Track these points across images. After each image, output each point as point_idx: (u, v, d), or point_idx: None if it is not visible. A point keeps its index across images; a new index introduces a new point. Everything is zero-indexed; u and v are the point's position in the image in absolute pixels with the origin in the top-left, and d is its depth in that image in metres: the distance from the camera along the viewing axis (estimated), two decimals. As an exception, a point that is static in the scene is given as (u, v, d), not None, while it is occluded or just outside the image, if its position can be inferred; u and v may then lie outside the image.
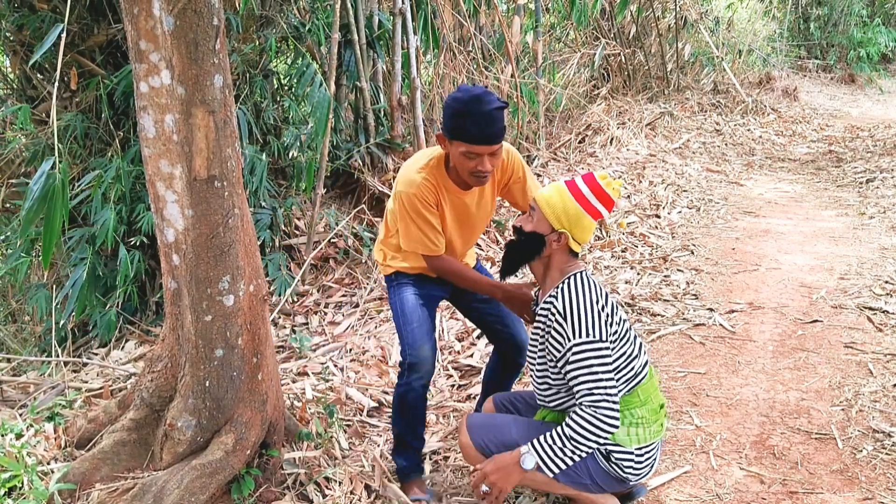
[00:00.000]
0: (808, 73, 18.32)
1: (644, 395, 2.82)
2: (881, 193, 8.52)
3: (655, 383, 2.91)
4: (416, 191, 3.08)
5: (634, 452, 2.80)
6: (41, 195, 3.33)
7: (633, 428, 2.79)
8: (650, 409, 2.82)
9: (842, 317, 5.15)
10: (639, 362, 2.85)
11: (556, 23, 11.45)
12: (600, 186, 2.82)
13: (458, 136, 2.91)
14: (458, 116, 2.88)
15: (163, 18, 2.49)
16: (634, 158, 9.50)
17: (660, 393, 2.92)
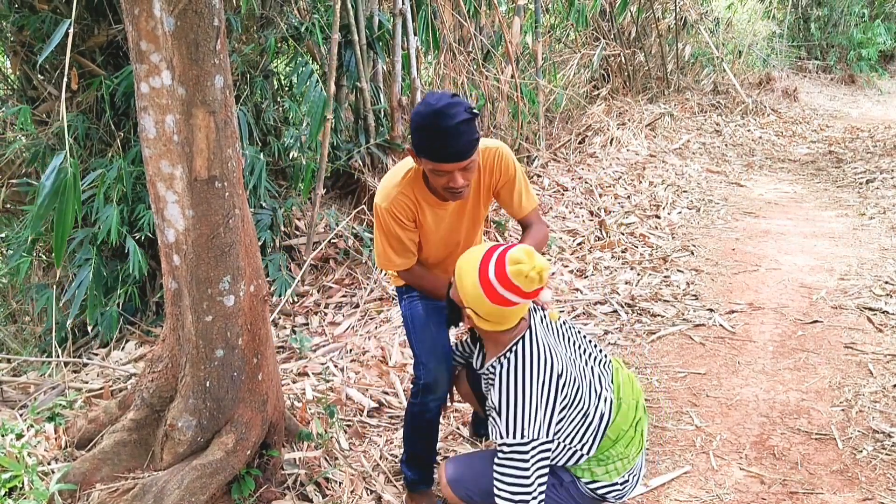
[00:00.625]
0: (808, 74, 18.32)
1: (615, 434, 2.68)
2: (881, 194, 8.52)
3: (623, 411, 2.72)
4: (388, 205, 2.89)
5: (618, 483, 2.74)
6: (53, 190, 3.33)
7: (612, 464, 2.70)
8: (625, 442, 2.69)
9: (842, 317, 5.16)
10: (603, 404, 2.67)
11: (556, 23, 11.44)
12: (510, 281, 2.46)
13: (423, 154, 2.66)
14: (420, 132, 2.61)
15: (163, 19, 2.49)
16: (634, 159, 9.50)
17: (631, 411, 2.74)
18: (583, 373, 2.69)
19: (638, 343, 4.93)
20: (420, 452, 3.33)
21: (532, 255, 2.47)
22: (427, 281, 3.13)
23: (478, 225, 3.21)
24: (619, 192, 8.24)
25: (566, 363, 2.62)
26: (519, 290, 2.45)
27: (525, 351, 2.58)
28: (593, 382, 2.70)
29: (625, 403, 2.74)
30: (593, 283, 5.90)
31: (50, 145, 5.24)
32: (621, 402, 2.73)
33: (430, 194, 2.93)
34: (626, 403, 2.74)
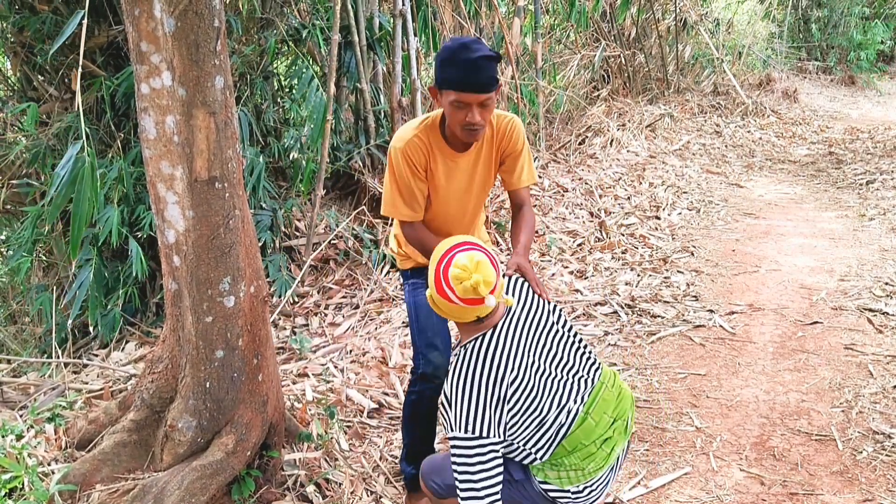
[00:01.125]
0: (807, 75, 18.33)
1: (572, 445, 2.61)
2: (881, 195, 8.52)
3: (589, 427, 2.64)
4: (403, 146, 2.93)
5: (570, 491, 2.67)
6: (69, 179, 3.33)
7: (564, 472, 2.64)
8: (582, 455, 2.62)
9: (842, 318, 5.16)
10: (563, 415, 2.62)
11: (556, 24, 11.45)
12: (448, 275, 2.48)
13: (446, 85, 2.76)
14: (445, 64, 2.75)
15: (164, 20, 2.49)
16: (634, 160, 9.50)
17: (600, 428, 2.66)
18: (545, 383, 2.62)
19: (638, 344, 4.93)
20: (419, 445, 3.33)
21: (478, 268, 2.45)
22: (428, 240, 3.01)
23: (484, 193, 3.22)
24: (619, 193, 8.24)
25: (523, 371, 2.57)
26: (454, 292, 2.46)
27: (478, 349, 2.56)
28: (559, 393, 2.64)
29: (592, 419, 2.66)
30: (593, 284, 5.91)
31: (50, 146, 5.25)
32: (588, 416, 2.65)
33: (444, 144, 2.99)
34: (595, 420, 2.66)
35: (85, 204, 3.33)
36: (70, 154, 3.40)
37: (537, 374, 2.61)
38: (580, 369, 2.71)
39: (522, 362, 2.58)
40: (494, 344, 2.56)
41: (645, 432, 3.90)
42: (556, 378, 2.65)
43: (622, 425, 2.72)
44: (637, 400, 4.22)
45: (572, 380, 2.68)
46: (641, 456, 3.69)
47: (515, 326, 2.64)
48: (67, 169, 3.41)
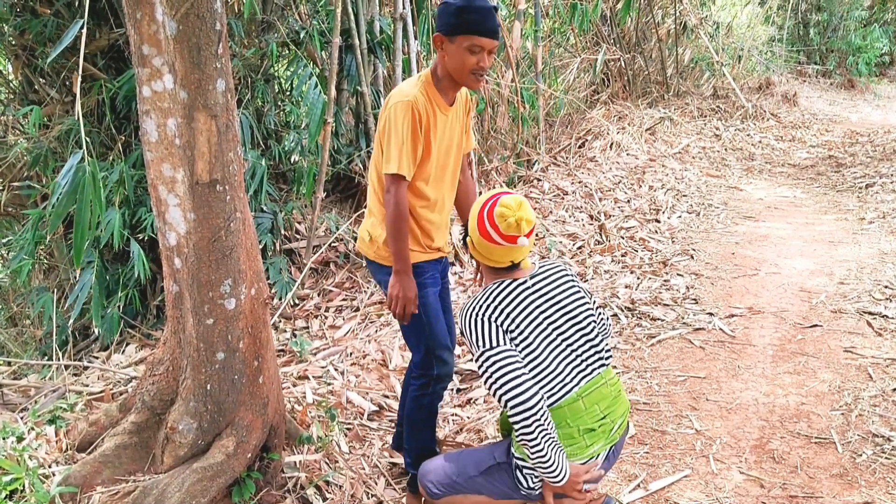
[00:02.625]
0: (807, 79, 18.34)
1: (556, 419, 2.67)
2: (881, 198, 8.53)
3: (577, 409, 2.70)
4: (413, 100, 2.94)
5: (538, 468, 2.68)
6: (70, 189, 3.34)
7: None
8: (563, 435, 2.67)
9: (841, 321, 5.16)
10: (559, 386, 2.68)
11: (557, 28, 11.47)
12: (493, 220, 2.68)
13: (464, 30, 2.87)
14: (461, 11, 2.85)
15: (166, 23, 2.50)
16: (634, 163, 9.51)
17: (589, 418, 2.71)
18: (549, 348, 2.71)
19: (638, 347, 4.93)
20: (428, 445, 3.33)
21: (521, 207, 2.66)
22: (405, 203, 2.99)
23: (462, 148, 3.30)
24: (619, 196, 8.25)
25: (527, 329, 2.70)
26: (497, 229, 2.66)
27: (494, 291, 2.74)
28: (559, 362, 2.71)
29: (583, 403, 2.71)
30: (593, 286, 5.91)
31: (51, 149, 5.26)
32: (579, 399, 2.71)
33: (440, 97, 3.06)
34: (586, 405, 2.71)
35: (86, 213, 3.34)
36: (71, 163, 3.41)
37: (542, 336, 2.71)
38: (587, 356, 2.78)
39: (528, 322, 2.71)
40: (507, 292, 2.73)
41: (645, 435, 3.91)
42: (561, 350, 2.73)
43: (609, 426, 2.75)
44: (637, 402, 4.22)
45: (576, 360, 2.75)
46: (641, 458, 3.70)
47: (535, 291, 2.77)
48: (68, 178, 3.42)
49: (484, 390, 4.35)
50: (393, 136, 2.94)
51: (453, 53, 2.93)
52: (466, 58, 2.92)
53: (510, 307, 2.70)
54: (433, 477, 2.90)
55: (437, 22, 2.94)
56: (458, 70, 2.96)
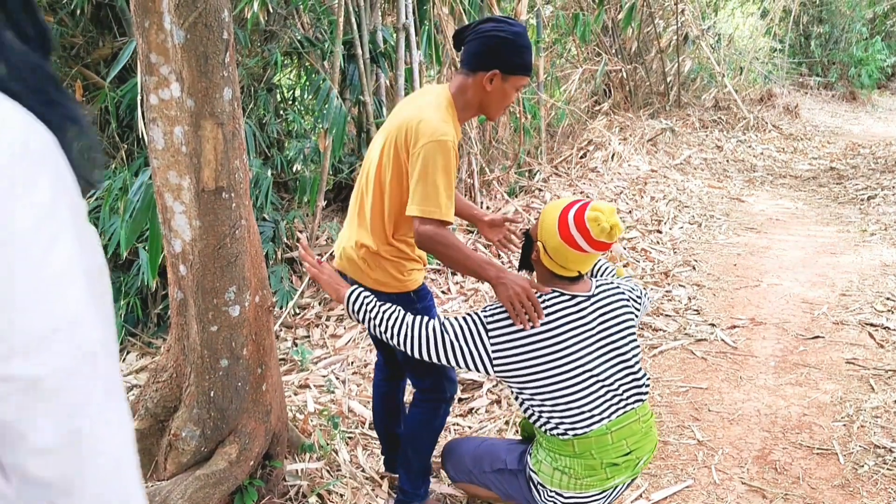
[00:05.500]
0: (809, 91, 18.39)
1: (581, 449, 2.63)
2: (882, 210, 8.54)
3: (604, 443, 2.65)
4: (452, 140, 2.73)
5: (555, 492, 2.71)
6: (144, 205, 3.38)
7: (558, 473, 2.67)
8: (586, 465, 2.64)
9: (843, 333, 5.17)
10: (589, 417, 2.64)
11: (558, 39, 11.50)
12: (584, 224, 2.62)
13: (522, 70, 2.81)
14: (525, 52, 2.79)
15: (173, 32, 2.51)
16: (636, 174, 9.52)
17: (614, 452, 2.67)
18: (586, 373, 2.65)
19: (639, 357, 4.93)
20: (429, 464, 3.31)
21: (613, 214, 2.61)
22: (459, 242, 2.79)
23: None
24: (621, 207, 8.26)
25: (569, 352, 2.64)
26: (588, 233, 2.60)
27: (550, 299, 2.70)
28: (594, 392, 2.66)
29: (611, 437, 2.66)
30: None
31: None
32: (608, 433, 2.66)
33: (458, 126, 2.94)
34: (614, 440, 2.67)
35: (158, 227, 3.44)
36: (141, 180, 3.48)
37: (583, 361, 2.65)
38: (622, 389, 2.71)
39: (573, 342, 2.65)
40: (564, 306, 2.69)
41: (647, 445, 3.91)
42: (599, 381, 2.67)
43: (634, 461, 2.71)
44: (639, 413, 4.22)
45: (611, 393, 2.68)
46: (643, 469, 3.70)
47: (591, 312, 2.72)
48: (140, 195, 3.49)
49: (485, 399, 4.35)
50: (438, 177, 2.71)
51: (501, 91, 2.85)
52: (511, 96, 2.88)
53: (560, 321, 2.66)
54: (453, 461, 2.98)
55: (496, 58, 2.79)
56: (497, 106, 2.90)
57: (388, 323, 2.73)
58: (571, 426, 2.62)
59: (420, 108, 2.84)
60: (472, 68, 2.84)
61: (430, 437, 3.23)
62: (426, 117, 2.77)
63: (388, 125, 2.94)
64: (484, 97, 2.87)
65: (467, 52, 2.86)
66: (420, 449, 3.24)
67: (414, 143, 2.73)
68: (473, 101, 2.90)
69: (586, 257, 2.65)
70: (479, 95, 2.87)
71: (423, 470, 3.27)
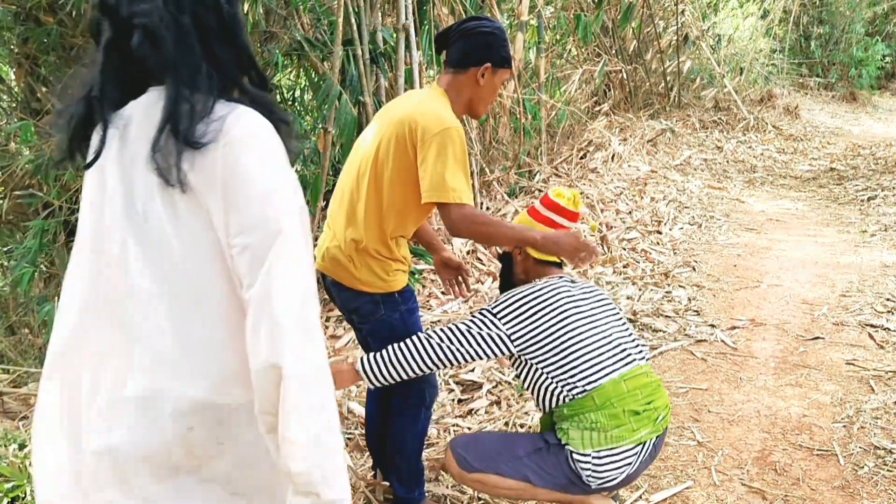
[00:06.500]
0: (809, 91, 18.39)
1: (601, 400, 2.71)
2: (882, 211, 8.54)
3: (621, 390, 2.75)
4: (460, 127, 2.76)
5: (591, 456, 2.72)
6: None
7: (587, 432, 2.71)
8: (609, 415, 2.71)
9: (843, 334, 5.16)
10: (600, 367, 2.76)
11: (558, 40, 11.49)
12: (551, 201, 3.01)
13: (507, 63, 2.91)
14: (507, 45, 2.88)
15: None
16: (636, 175, 9.52)
17: (632, 400, 2.76)
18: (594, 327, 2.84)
19: (639, 358, 4.92)
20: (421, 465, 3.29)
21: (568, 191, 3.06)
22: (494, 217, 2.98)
23: None
24: (621, 208, 8.26)
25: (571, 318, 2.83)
26: (558, 206, 2.99)
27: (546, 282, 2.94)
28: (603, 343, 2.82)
29: (625, 386, 2.77)
30: (595, 298, 5.91)
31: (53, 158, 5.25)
32: (622, 382, 2.77)
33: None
34: (628, 388, 2.77)
35: None
36: None
37: (585, 324, 2.84)
38: (624, 347, 2.87)
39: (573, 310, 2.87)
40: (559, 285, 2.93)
41: (646, 446, 3.90)
42: (603, 338, 2.84)
43: (653, 413, 2.79)
44: (638, 414, 4.21)
45: (616, 349, 2.84)
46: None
47: (581, 289, 2.98)
48: None
49: (485, 401, 4.35)
50: (457, 163, 2.72)
51: (491, 85, 2.92)
52: (497, 90, 2.97)
53: (558, 295, 2.86)
54: (475, 450, 2.91)
55: (487, 52, 2.87)
56: (486, 101, 2.96)
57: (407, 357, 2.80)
58: (587, 380, 2.73)
59: (417, 103, 2.85)
60: (464, 65, 2.88)
61: (416, 441, 3.21)
62: (429, 109, 2.78)
63: (380, 123, 2.91)
64: (475, 92, 2.92)
65: (456, 51, 2.90)
66: (407, 455, 3.22)
67: (422, 134, 2.71)
68: (464, 97, 2.93)
69: None
70: (471, 90, 2.92)
71: (413, 473, 3.25)
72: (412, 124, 2.75)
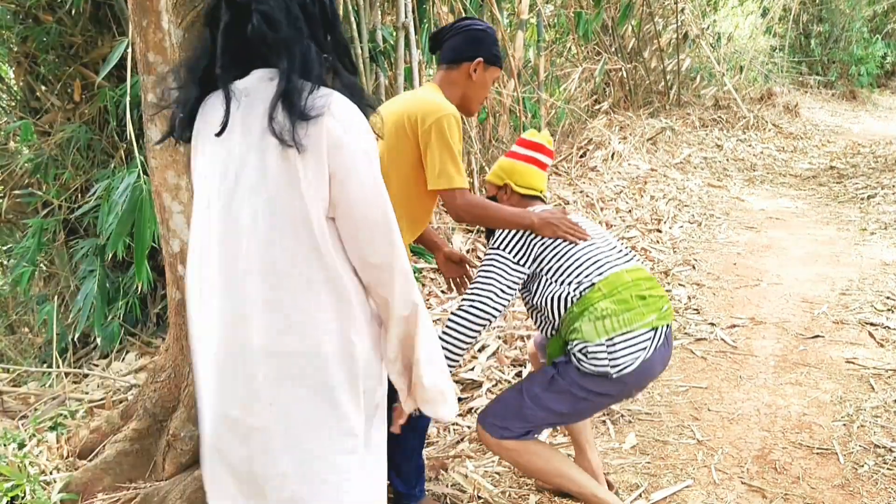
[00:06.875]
0: (809, 90, 18.37)
1: (608, 289, 2.85)
2: (882, 209, 8.53)
3: (625, 279, 2.90)
4: (457, 113, 2.86)
5: (605, 344, 2.80)
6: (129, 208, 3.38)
7: (599, 321, 2.80)
8: (617, 300, 2.83)
9: (843, 332, 5.16)
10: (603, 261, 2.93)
11: (558, 38, 11.49)
12: (529, 141, 3.20)
13: (499, 62, 3.02)
14: (498, 44, 2.98)
15: (171, 31, 2.51)
16: (636, 173, 9.51)
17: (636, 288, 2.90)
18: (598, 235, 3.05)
19: (639, 357, 4.92)
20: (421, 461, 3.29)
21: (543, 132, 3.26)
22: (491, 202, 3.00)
23: None
24: (621, 206, 8.26)
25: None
26: (536, 144, 3.18)
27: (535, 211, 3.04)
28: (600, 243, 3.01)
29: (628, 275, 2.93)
30: (595, 296, 5.90)
31: (52, 156, 5.26)
32: (625, 273, 2.93)
33: None
34: (631, 277, 2.93)
35: (145, 230, 3.42)
36: (128, 182, 3.46)
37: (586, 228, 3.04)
38: (621, 250, 3.08)
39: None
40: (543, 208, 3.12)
41: (646, 445, 3.90)
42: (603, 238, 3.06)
43: (658, 302, 2.94)
44: (639, 413, 4.21)
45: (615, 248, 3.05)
46: (643, 468, 3.69)
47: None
48: (126, 197, 3.48)
49: (485, 399, 4.35)
50: (455, 150, 2.83)
51: (482, 82, 3.02)
52: (489, 87, 3.05)
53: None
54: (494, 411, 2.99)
55: (479, 48, 2.98)
56: (478, 97, 3.05)
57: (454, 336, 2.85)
58: (594, 273, 2.88)
59: (412, 96, 3.01)
60: (457, 61, 3.00)
61: (417, 439, 3.22)
62: (426, 99, 2.90)
63: None
64: (468, 87, 3.02)
65: (450, 48, 3.02)
66: (408, 452, 3.22)
67: (423, 120, 2.82)
68: (458, 92, 3.03)
69: (542, 174, 3.20)
70: (464, 85, 3.02)
71: (413, 470, 3.25)
72: (411, 115, 2.84)
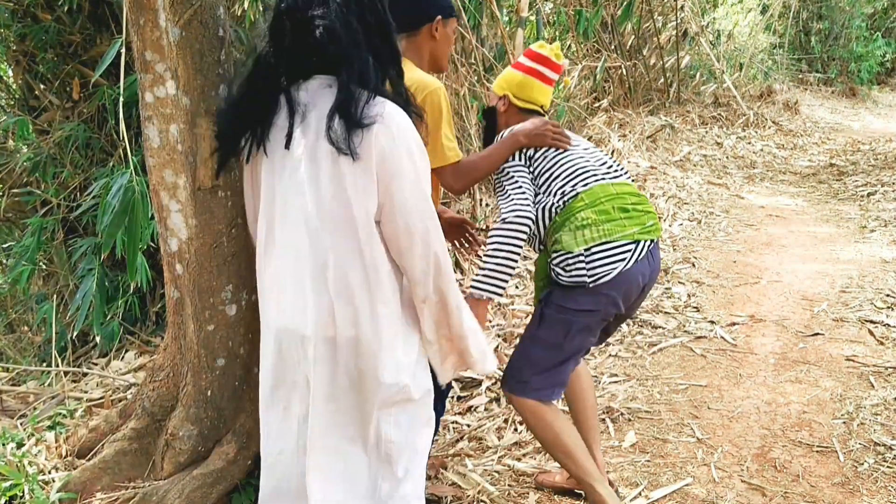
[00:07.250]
0: (808, 87, 18.35)
1: (590, 198, 2.89)
2: (882, 207, 8.53)
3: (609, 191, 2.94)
4: (441, 86, 2.86)
5: (583, 254, 2.84)
6: (121, 209, 3.37)
7: (579, 231, 2.85)
8: (599, 210, 2.87)
9: (843, 330, 5.15)
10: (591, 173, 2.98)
11: (558, 35, 11.47)
12: (536, 53, 3.16)
13: (453, 12, 2.98)
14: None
15: (169, 29, 2.50)
16: (635, 171, 9.51)
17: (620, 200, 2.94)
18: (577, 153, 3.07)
19: (639, 355, 4.92)
20: None
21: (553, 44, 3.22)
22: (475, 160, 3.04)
23: None
24: (620, 204, 8.23)
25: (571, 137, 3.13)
26: (543, 57, 3.15)
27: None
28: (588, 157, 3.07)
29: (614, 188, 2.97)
30: (594, 294, 5.89)
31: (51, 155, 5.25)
32: (611, 185, 2.98)
33: None
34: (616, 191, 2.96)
35: (138, 231, 3.44)
36: (120, 183, 3.46)
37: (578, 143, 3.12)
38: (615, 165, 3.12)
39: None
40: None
41: (646, 443, 3.90)
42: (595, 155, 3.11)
43: (642, 216, 2.96)
44: (638, 411, 4.21)
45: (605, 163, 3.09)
46: (642, 467, 3.68)
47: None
48: (118, 198, 3.48)
49: (484, 398, 4.34)
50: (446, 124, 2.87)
51: (446, 38, 3.00)
52: (452, 40, 3.04)
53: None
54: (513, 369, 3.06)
55: (431, 6, 2.94)
56: (445, 53, 3.05)
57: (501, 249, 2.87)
58: (579, 183, 2.94)
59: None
60: (416, 25, 2.96)
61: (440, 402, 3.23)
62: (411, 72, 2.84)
63: None
64: (434, 47, 3.00)
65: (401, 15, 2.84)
66: None
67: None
68: (425, 55, 3.02)
69: (546, 88, 3.17)
70: (430, 47, 3.01)
71: None
72: None
